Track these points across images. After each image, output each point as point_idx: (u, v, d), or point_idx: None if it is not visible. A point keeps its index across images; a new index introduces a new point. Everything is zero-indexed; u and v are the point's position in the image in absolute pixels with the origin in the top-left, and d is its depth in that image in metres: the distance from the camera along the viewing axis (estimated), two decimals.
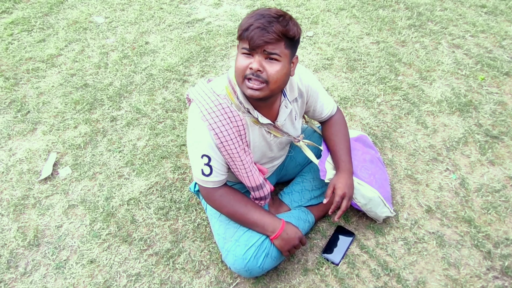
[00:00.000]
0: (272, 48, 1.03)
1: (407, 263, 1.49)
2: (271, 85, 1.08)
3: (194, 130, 1.19)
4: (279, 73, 1.07)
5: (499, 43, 2.61)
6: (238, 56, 1.09)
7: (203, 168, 1.21)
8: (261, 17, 1.02)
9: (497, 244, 1.53)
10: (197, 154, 1.21)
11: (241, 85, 1.10)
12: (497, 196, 1.70)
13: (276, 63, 1.06)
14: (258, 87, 1.07)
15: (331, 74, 2.40)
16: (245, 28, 1.03)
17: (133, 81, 2.38)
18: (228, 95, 1.19)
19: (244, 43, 1.06)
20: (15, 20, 2.93)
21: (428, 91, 2.26)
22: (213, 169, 1.22)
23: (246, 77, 1.07)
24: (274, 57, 1.05)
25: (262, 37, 1.01)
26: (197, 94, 1.22)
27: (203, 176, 1.23)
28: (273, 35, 1.01)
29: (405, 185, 1.76)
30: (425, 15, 2.90)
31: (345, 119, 1.52)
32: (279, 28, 1.02)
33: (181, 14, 3.01)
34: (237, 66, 1.09)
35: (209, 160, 1.20)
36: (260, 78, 1.06)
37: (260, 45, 1.02)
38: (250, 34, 1.02)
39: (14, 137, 2.04)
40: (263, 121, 1.22)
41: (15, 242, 1.59)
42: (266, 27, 1.01)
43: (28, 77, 2.42)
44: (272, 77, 1.06)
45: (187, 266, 1.50)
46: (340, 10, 2.99)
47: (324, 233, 1.59)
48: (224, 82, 1.21)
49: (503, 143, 1.94)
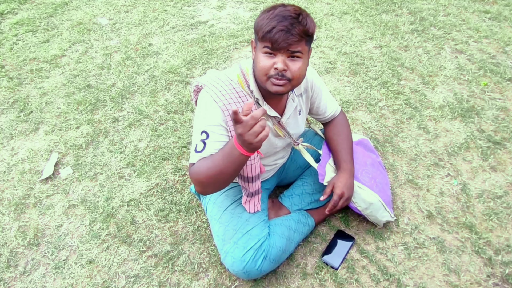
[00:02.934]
0: (295, 47, 1.08)
1: (407, 268, 1.48)
2: (293, 81, 1.13)
3: (204, 109, 1.20)
4: (301, 69, 1.12)
5: (503, 49, 2.60)
6: (260, 55, 1.11)
7: (198, 143, 1.17)
8: (283, 19, 1.05)
9: (498, 251, 1.52)
10: (199, 129, 1.18)
11: (265, 83, 1.13)
12: (499, 203, 1.69)
13: (299, 60, 1.11)
14: (282, 83, 1.11)
15: (333, 78, 2.40)
16: (268, 30, 1.06)
17: (135, 83, 2.39)
18: (240, 83, 1.22)
19: (265, 43, 1.08)
20: (20, 20, 2.95)
21: (430, 96, 2.25)
22: (205, 147, 1.16)
23: (270, 76, 1.11)
24: (297, 55, 1.10)
25: (287, 40, 1.05)
26: (209, 79, 1.23)
27: (195, 152, 1.18)
28: (297, 37, 1.06)
29: (406, 190, 1.75)
30: (428, 20, 2.90)
31: (348, 121, 1.52)
32: (301, 28, 1.06)
33: (185, 16, 3.02)
34: (260, 66, 1.11)
35: (206, 137, 1.17)
36: (284, 77, 1.10)
37: (285, 47, 1.06)
38: (274, 37, 1.05)
39: (16, 136, 2.05)
40: (270, 113, 1.25)
41: (15, 241, 1.59)
42: (289, 29, 1.05)
43: (32, 77, 2.44)
44: (296, 74, 1.11)
45: (186, 268, 1.49)
46: (343, 14, 3.00)
47: (324, 237, 1.58)
48: (236, 71, 1.25)
49: (505, 149, 1.93)
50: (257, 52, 1.14)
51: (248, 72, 1.22)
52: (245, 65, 1.24)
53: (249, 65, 1.24)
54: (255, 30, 1.13)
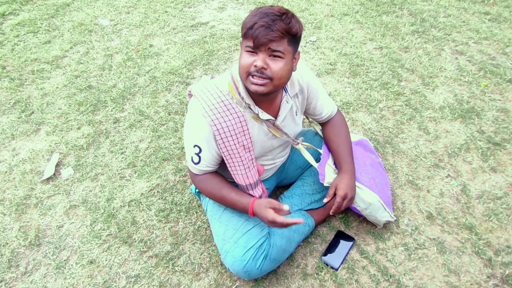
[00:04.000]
0: (276, 46, 1.06)
1: (407, 269, 1.48)
2: (275, 81, 1.11)
3: (193, 122, 1.23)
4: (283, 69, 1.10)
5: (503, 50, 2.60)
6: (243, 53, 1.11)
7: (193, 156, 1.27)
8: (265, 15, 1.05)
9: (498, 252, 1.53)
10: (191, 143, 1.26)
11: (245, 81, 1.13)
12: (499, 203, 1.70)
13: (280, 60, 1.09)
14: (262, 83, 1.10)
15: (333, 79, 2.41)
16: (250, 26, 1.06)
17: (136, 83, 2.40)
18: (230, 90, 1.22)
19: (248, 41, 1.08)
20: (22, 21, 2.96)
21: (430, 97, 2.26)
22: (201, 159, 1.28)
23: (250, 74, 1.10)
24: (278, 54, 1.08)
25: (266, 35, 1.04)
26: (199, 90, 1.24)
27: (192, 163, 1.30)
28: (277, 33, 1.04)
29: (406, 191, 1.76)
30: (429, 21, 2.91)
31: (345, 120, 1.52)
32: (283, 26, 1.04)
33: (186, 17, 3.03)
34: (241, 63, 1.11)
35: (199, 151, 1.26)
36: (264, 75, 1.09)
37: (265, 43, 1.05)
38: (254, 32, 1.04)
39: (17, 137, 2.06)
40: (263, 117, 1.24)
41: (16, 242, 1.60)
42: (270, 25, 1.04)
43: (33, 78, 2.44)
44: (276, 74, 1.09)
45: (186, 268, 1.50)
46: (343, 15, 3.00)
47: (324, 237, 1.59)
48: (227, 78, 1.24)
49: (505, 150, 1.93)
50: (241, 51, 1.14)
51: (238, 79, 1.21)
52: (235, 71, 1.23)
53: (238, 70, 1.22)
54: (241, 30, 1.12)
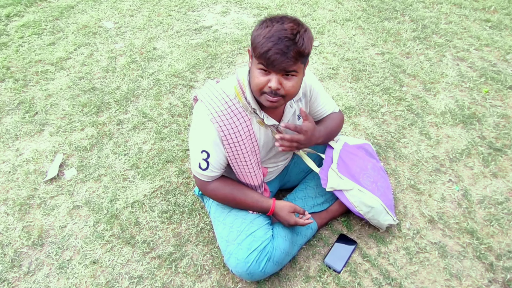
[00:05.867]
0: (290, 68, 1.07)
1: (409, 273, 1.49)
2: (287, 97, 1.15)
3: (200, 127, 1.24)
4: (295, 87, 1.13)
5: (503, 57, 2.63)
6: (255, 71, 1.11)
7: (201, 162, 1.27)
8: (279, 41, 1.03)
9: (499, 256, 1.53)
10: (198, 148, 1.26)
11: (259, 97, 1.15)
12: (500, 209, 1.71)
13: (293, 78, 1.11)
14: (275, 99, 1.13)
15: (336, 83, 2.43)
16: (264, 51, 1.05)
17: (140, 86, 2.41)
18: (237, 94, 1.23)
19: (261, 60, 1.07)
20: (26, 23, 2.98)
21: (432, 102, 2.27)
22: (209, 165, 1.27)
23: (264, 92, 1.12)
24: (292, 73, 1.10)
25: (282, 63, 1.05)
26: (206, 95, 1.25)
27: (200, 170, 1.29)
28: (292, 60, 1.05)
29: (408, 195, 1.77)
30: (430, 27, 2.93)
31: (343, 120, 1.53)
32: (297, 50, 1.05)
33: (189, 21, 3.05)
34: (255, 82, 1.12)
35: (207, 156, 1.26)
36: (278, 94, 1.11)
37: (280, 69, 1.07)
38: (269, 59, 1.05)
39: (21, 137, 2.07)
40: (268, 122, 1.26)
41: (19, 241, 1.60)
42: (285, 53, 1.04)
43: (37, 79, 2.46)
44: (289, 91, 1.12)
45: (189, 270, 1.50)
46: (346, 21, 3.03)
47: (326, 240, 1.59)
48: (233, 82, 1.25)
49: (506, 156, 1.94)
50: (252, 66, 1.14)
51: (245, 84, 1.22)
52: (241, 75, 1.24)
53: (245, 75, 1.23)
54: (251, 43, 1.11)
